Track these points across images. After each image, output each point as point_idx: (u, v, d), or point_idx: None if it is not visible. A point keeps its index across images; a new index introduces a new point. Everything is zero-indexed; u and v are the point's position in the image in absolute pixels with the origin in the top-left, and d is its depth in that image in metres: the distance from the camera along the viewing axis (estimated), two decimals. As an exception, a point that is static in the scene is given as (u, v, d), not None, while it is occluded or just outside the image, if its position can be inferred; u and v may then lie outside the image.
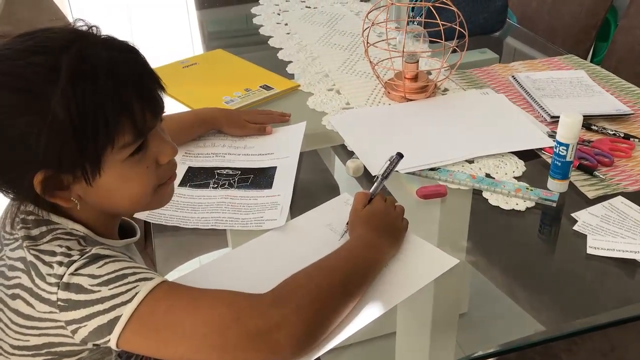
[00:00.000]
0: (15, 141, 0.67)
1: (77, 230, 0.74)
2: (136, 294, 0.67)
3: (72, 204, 0.72)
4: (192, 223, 0.98)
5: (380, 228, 0.88)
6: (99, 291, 0.67)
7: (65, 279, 0.67)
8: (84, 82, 0.66)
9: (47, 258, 0.69)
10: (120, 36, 0.75)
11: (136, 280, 0.68)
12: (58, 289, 0.67)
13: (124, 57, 0.71)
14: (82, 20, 0.74)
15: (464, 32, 1.29)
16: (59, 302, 0.67)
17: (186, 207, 1.02)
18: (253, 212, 1.00)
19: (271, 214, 0.99)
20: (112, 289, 0.67)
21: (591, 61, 1.54)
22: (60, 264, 0.68)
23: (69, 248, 0.70)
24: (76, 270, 0.68)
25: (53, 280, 0.68)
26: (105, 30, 0.74)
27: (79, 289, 0.67)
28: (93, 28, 0.73)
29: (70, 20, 0.78)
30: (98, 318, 0.67)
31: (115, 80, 0.68)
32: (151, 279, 0.69)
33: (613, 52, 1.81)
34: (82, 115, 0.66)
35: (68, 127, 0.65)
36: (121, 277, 0.68)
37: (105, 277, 0.68)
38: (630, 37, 1.76)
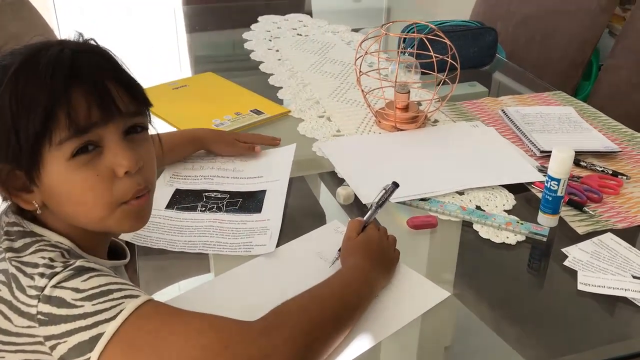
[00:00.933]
0: None
1: (61, 243, 0.71)
2: (121, 311, 0.64)
3: (33, 207, 0.71)
4: (179, 246, 0.96)
5: (374, 257, 0.87)
6: (82, 306, 0.64)
7: (46, 292, 0.64)
8: (28, 71, 0.67)
9: (28, 270, 0.66)
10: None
11: (122, 297, 0.66)
12: (38, 301, 0.64)
13: (85, 56, 0.70)
14: (79, 32, 0.73)
15: (455, 64, 1.30)
16: (39, 316, 0.64)
17: (173, 230, 1.00)
18: (242, 237, 0.98)
19: (260, 239, 0.98)
20: (96, 304, 0.64)
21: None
22: (42, 275, 0.65)
23: (52, 260, 0.67)
24: (59, 282, 0.65)
25: (33, 292, 0.65)
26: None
27: (61, 302, 0.64)
28: (79, 36, 0.74)
29: (57, 36, 0.78)
30: (79, 334, 0.63)
31: (59, 72, 0.67)
32: (137, 296, 0.67)
33: (598, 90, 1.84)
34: (20, 104, 0.66)
35: (8, 115, 0.66)
36: (106, 292, 0.65)
37: (90, 292, 0.65)
38: (616, 76, 1.79)
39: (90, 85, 0.68)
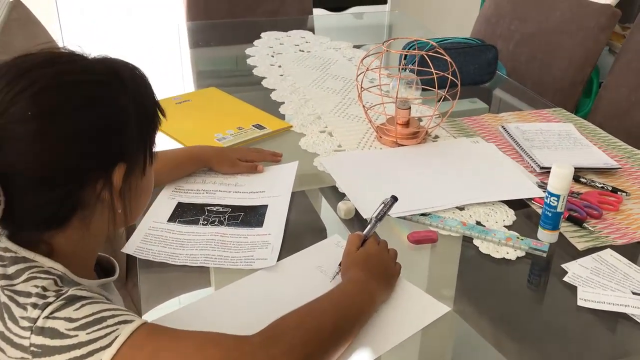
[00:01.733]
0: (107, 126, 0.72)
1: (54, 269, 0.71)
2: (116, 337, 0.64)
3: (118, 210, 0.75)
4: (180, 260, 0.97)
5: (374, 271, 0.87)
6: (76, 336, 0.64)
7: (39, 323, 0.64)
8: (141, 90, 0.78)
9: (21, 299, 0.66)
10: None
11: (115, 324, 0.65)
12: (31, 333, 0.64)
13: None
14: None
15: (456, 81, 1.31)
16: (32, 348, 0.64)
17: (174, 244, 1.01)
18: (243, 251, 0.99)
19: (262, 253, 0.98)
20: (90, 333, 0.64)
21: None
22: (35, 306, 0.65)
23: (44, 289, 0.67)
24: (51, 313, 0.64)
25: (26, 323, 0.64)
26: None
27: (55, 333, 0.64)
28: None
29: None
30: None
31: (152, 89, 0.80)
32: (131, 321, 0.66)
33: (599, 108, 1.85)
34: (141, 107, 0.77)
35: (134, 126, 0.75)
36: (99, 320, 0.65)
37: (83, 321, 0.65)
38: (617, 94, 1.80)
39: None
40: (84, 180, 0.71)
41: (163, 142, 1.36)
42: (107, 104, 0.72)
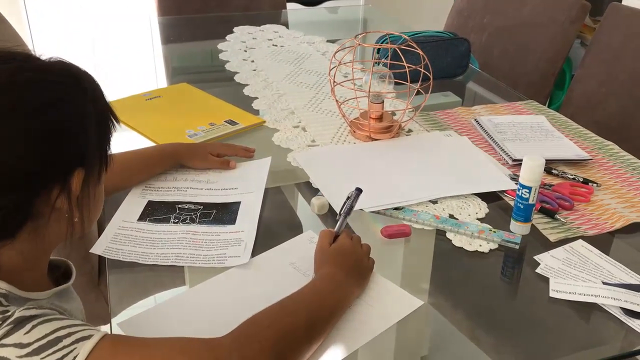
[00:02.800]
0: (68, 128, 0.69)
1: None
2: (74, 358, 0.60)
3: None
4: (151, 259, 0.95)
5: (347, 266, 0.86)
6: None
7: None
8: (95, 93, 0.75)
9: None
10: (84, 67, 0.76)
11: (72, 343, 0.61)
12: None
13: None
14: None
15: (428, 74, 1.31)
16: None
17: (145, 243, 0.99)
18: (215, 249, 0.97)
19: (234, 251, 0.97)
20: (46, 357, 0.60)
21: (548, 108, 1.59)
22: None
23: None
24: None
25: None
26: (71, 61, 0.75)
27: None
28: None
29: (31, 50, 0.78)
30: None
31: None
32: (89, 336, 0.62)
33: (570, 100, 1.87)
34: (101, 115, 0.76)
35: (93, 122, 0.73)
36: (54, 341, 0.61)
37: (36, 345, 0.60)
38: (587, 86, 1.82)
39: None
40: (38, 187, 0.66)
41: (133, 140, 1.35)
42: (66, 105, 0.68)
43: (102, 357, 0.62)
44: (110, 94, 0.79)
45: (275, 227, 1.10)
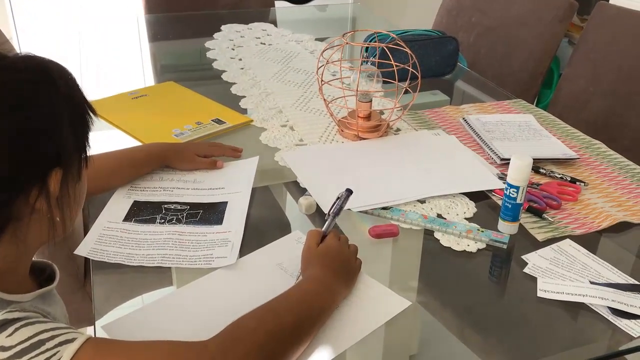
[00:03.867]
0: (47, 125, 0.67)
1: None
2: None
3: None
4: (136, 260, 0.94)
5: (335, 267, 0.86)
6: None
7: None
8: (71, 92, 0.72)
9: None
10: (70, 66, 0.75)
11: (55, 346, 0.61)
12: None
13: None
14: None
15: (416, 73, 1.31)
16: None
17: (130, 244, 0.98)
18: (202, 249, 0.96)
19: (221, 252, 0.96)
20: None
21: (536, 107, 1.59)
22: None
23: None
24: None
25: None
26: (56, 59, 0.73)
27: None
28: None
29: (16, 47, 0.76)
30: None
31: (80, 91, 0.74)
32: (73, 339, 0.62)
33: (558, 99, 1.87)
34: (76, 113, 0.72)
35: (66, 120, 0.70)
36: (37, 344, 0.60)
37: (18, 348, 0.60)
38: (575, 85, 1.83)
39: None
40: (16, 190, 0.65)
41: (118, 138, 1.33)
42: (38, 104, 0.66)
43: None
44: (97, 92, 0.77)
45: (263, 227, 1.09)
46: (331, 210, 0.96)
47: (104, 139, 1.35)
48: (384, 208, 1.09)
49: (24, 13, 3.01)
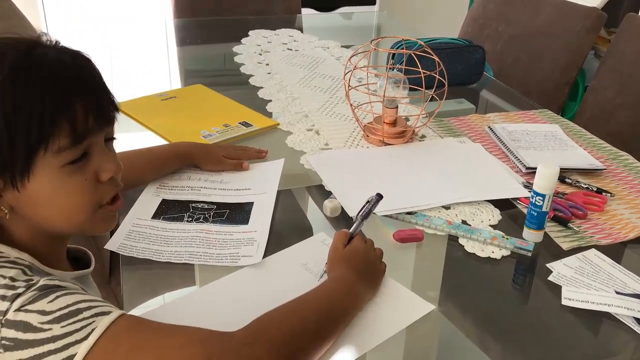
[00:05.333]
0: None
1: (21, 259, 0.68)
2: (92, 330, 0.62)
3: (2, 213, 0.69)
4: (164, 256, 0.96)
5: (360, 269, 0.86)
6: (50, 329, 0.61)
7: (9, 316, 0.61)
8: (24, 74, 0.64)
9: None
10: (100, 66, 0.74)
11: (92, 316, 0.63)
12: (2, 326, 0.61)
13: (73, 61, 0.70)
14: (45, 34, 0.72)
15: (443, 80, 1.31)
16: (3, 341, 0.61)
17: (159, 240, 1.00)
18: (228, 248, 0.98)
19: (247, 250, 0.97)
20: (65, 326, 0.61)
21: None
22: (4, 298, 0.62)
23: (12, 279, 0.64)
24: (23, 305, 0.62)
25: None
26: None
27: (27, 327, 0.61)
28: (50, 38, 0.71)
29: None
30: (49, 358, 0.61)
31: (57, 77, 0.66)
32: (109, 312, 0.64)
33: (584, 110, 1.86)
34: (16, 109, 0.64)
35: (2, 120, 0.63)
36: (75, 312, 0.62)
37: (58, 313, 0.62)
38: (601, 96, 1.81)
39: (88, 94, 0.69)
40: None
41: (148, 139, 1.36)
42: None
43: (117, 334, 0.63)
44: (125, 94, 0.78)
45: (286, 229, 1.10)
46: (360, 213, 0.97)
47: (134, 139, 1.37)
48: (408, 213, 1.10)
49: (57, 14, 3.08)
